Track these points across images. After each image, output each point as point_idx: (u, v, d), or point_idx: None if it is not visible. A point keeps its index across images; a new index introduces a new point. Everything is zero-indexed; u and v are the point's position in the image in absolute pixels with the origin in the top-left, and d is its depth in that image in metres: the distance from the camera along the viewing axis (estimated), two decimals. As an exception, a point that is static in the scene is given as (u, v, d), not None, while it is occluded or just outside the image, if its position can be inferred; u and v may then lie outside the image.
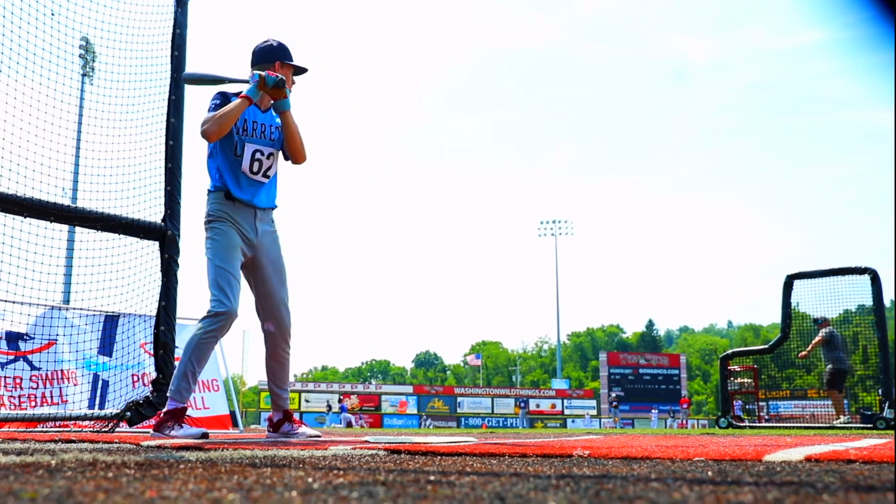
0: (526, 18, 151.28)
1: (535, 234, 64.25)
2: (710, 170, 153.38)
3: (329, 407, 40.20)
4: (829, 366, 11.38)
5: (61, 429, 5.87)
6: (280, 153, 4.14)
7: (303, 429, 4.38)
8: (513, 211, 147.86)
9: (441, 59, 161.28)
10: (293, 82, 4.14)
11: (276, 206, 4.15)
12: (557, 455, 2.22)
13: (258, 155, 3.97)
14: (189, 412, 7.50)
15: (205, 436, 3.80)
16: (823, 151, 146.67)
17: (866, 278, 11.32)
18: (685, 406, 40.89)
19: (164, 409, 3.96)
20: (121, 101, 4.82)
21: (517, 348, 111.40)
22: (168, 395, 3.98)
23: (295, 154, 4.04)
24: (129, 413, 4.73)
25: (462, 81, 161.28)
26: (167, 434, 3.80)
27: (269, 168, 4.03)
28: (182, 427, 3.84)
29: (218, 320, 3.82)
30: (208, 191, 4.03)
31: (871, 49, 1.00)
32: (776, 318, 12.32)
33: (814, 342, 11.50)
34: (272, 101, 3.98)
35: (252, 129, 3.98)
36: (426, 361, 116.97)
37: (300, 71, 4.15)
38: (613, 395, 40.61)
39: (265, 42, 4.13)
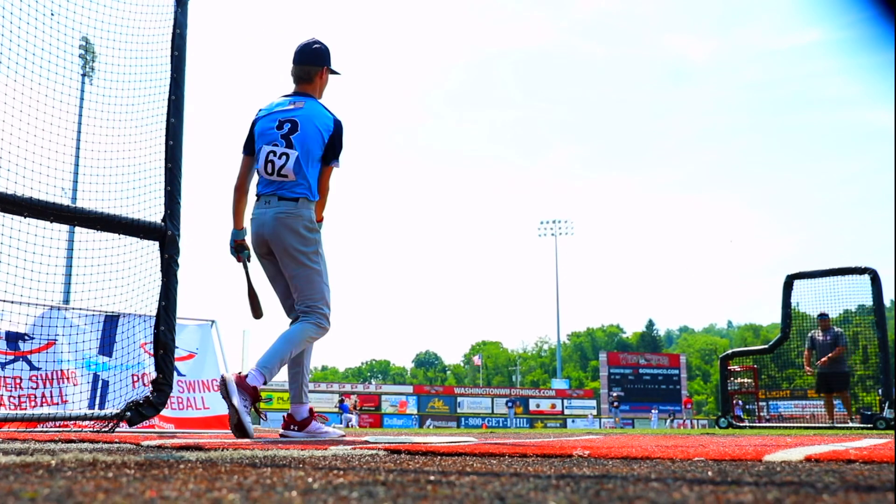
0: (525, 19, 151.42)
1: (535, 234, 64.33)
2: (710, 169, 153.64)
3: (354, 405, 39.88)
4: (824, 368, 11.32)
5: (61, 429, 5.87)
6: None
7: (328, 430, 4.41)
8: (513, 211, 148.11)
9: (440, 59, 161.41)
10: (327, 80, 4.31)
11: None
12: (557, 455, 2.22)
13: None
14: (189, 412, 7.52)
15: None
16: (823, 151, 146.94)
17: (866, 278, 11.32)
18: (688, 406, 40.88)
19: (253, 383, 3.87)
20: (121, 102, 4.82)
21: (517, 348, 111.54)
22: (260, 370, 3.90)
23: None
24: (129, 413, 4.72)
25: (462, 81, 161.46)
26: (323, 432, 4.05)
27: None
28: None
29: (324, 333, 4.03)
30: (307, 198, 4.05)
31: (870, 49, 1.00)
32: (776, 318, 12.32)
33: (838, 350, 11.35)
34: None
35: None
36: (426, 361, 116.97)
37: (335, 73, 4.35)
38: (613, 395, 40.63)
39: (315, 42, 4.22)
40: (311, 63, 4.10)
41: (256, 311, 4.16)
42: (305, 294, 4.02)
